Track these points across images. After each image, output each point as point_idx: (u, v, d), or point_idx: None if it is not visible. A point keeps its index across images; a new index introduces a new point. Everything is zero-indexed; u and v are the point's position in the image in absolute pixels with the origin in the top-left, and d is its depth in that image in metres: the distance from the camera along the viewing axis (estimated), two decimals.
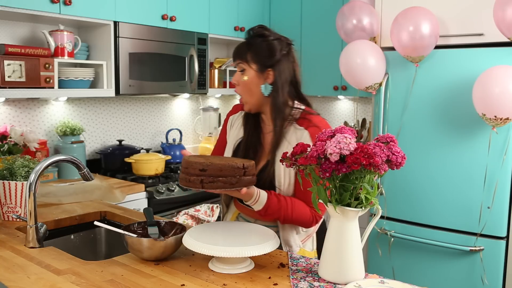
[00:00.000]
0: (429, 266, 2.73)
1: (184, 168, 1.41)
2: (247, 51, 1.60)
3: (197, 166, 1.37)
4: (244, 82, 1.61)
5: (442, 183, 2.65)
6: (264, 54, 1.59)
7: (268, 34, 1.61)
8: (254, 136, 1.69)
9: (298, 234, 1.66)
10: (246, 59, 1.60)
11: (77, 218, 2.00)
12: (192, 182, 1.38)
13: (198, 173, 1.37)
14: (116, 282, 1.31)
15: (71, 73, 2.62)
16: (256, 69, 1.59)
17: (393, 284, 1.28)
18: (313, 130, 1.58)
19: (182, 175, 1.41)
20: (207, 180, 1.37)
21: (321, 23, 3.56)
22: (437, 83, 2.64)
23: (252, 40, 1.61)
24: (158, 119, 3.56)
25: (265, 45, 1.59)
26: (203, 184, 1.37)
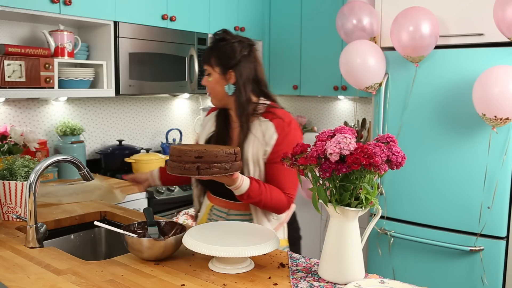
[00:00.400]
0: (429, 266, 2.73)
1: (176, 156, 1.42)
2: (211, 55, 1.73)
3: (192, 153, 1.40)
4: (210, 84, 1.75)
5: (442, 183, 2.65)
6: (225, 56, 1.70)
7: (229, 38, 1.72)
8: (223, 130, 1.80)
9: (270, 222, 1.74)
10: (210, 63, 1.73)
11: (77, 218, 2.00)
12: (187, 169, 1.40)
13: (193, 160, 1.39)
14: (116, 282, 1.31)
15: (71, 73, 2.62)
16: (219, 71, 1.72)
17: (393, 284, 1.28)
18: (277, 122, 1.68)
19: (174, 163, 1.42)
20: (203, 166, 1.40)
21: (321, 23, 3.56)
22: (437, 83, 2.64)
23: (215, 44, 1.73)
24: (158, 119, 3.56)
25: (227, 48, 1.71)
26: (199, 170, 1.40)
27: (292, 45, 3.76)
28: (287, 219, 1.82)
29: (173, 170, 1.43)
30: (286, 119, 1.69)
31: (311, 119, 4.14)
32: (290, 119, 1.70)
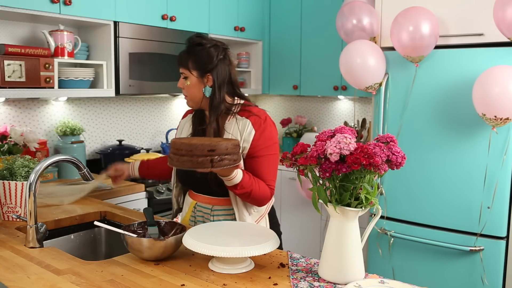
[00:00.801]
0: (429, 266, 2.73)
1: (187, 151, 1.43)
2: (188, 59, 1.77)
3: (205, 147, 1.42)
4: (187, 87, 1.80)
5: (442, 183, 2.65)
6: (203, 61, 1.76)
7: (205, 42, 1.79)
8: (200, 130, 1.87)
9: (251, 215, 1.80)
10: (187, 67, 1.78)
11: (77, 218, 2.00)
12: (201, 163, 1.41)
13: (206, 154, 1.42)
14: (116, 282, 1.31)
15: (71, 73, 2.62)
16: (196, 75, 1.78)
17: (393, 284, 1.28)
18: (254, 119, 1.77)
19: (184, 158, 1.43)
20: (216, 159, 1.42)
21: (321, 23, 3.56)
22: (437, 83, 2.64)
23: (191, 49, 1.78)
24: (158, 119, 3.56)
25: (204, 52, 1.77)
26: (213, 163, 1.42)
27: (292, 45, 3.76)
28: (267, 211, 1.89)
29: (183, 164, 1.44)
30: (261, 116, 1.79)
31: (311, 119, 4.14)
32: (265, 116, 1.80)
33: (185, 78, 1.80)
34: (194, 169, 1.44)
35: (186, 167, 1.44)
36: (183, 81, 1.81)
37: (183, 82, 1.81)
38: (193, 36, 1.82)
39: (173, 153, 1.48)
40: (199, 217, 1.85)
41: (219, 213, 1.82)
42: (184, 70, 1.79)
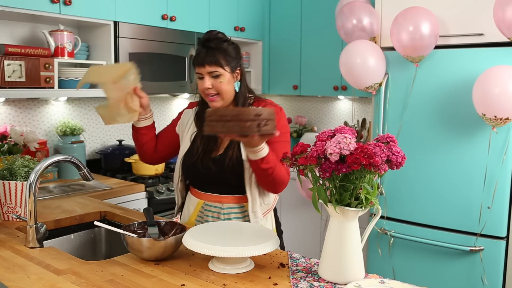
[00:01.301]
0: (429, 266, 2.73)
1: (234, 116, 1.42)
2: (220, 56, 1.72)
3: (252, 112, 1.42)
4: (221, 85, 1.74)
5: (442, 183, 2.65)
6: (233, 56, 1.75)
7: (228, 38, 1.78)
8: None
9: (260, 206, 1.79)
10: (221, 64, 1.72)
11: (77, 218, 2.00)
12: (249, 127, 1.41)
13: (253, 118, 1.42)
14: (116, 282, 1.31)
15: (71, 73, 2.62)
16: (229, 71, 1.75)
17: (393, 284, 1.28)
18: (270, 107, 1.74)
19: (230, 123, 1.42)
20: (262, 124, 1.43)
21: (321, 23, 3.56)
22: (437, 83, 2.64)
23: (219, 45, 1.73)
24: (158, 119, 3.56)
25: (232, 48, 1.76)
26: (260, 127, 1.42)
27: (292, 45, 3.76)
28: (273, 205, 1.89)
29: (230, 130, 1.43)
30: (276, 106, 1.82)
31: (311, 119, 4.14)
32: (279, 106, 1.84)
33: (216, 76, 1.72)
34: (241, 133, 1.43)
35: (233, 132, 1.43)
36: (215, 80, 1.73)
37: (215, 81, 1.73)
38: (213, 33, 1.76)
39: (216, 120, 1.45)
40: (208, 217, 1.81)
41: (230, 211, 1.80)
42: (216, 68, 1.71)
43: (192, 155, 1.81)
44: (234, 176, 1.74)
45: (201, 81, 1.75)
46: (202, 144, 1.81)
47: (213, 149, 1.80)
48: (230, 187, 1.78)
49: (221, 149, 1.79)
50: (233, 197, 1.79)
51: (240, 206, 1.80)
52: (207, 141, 1.81)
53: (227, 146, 1.78)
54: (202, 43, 1.74)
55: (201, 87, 1.76)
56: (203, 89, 1.74)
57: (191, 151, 1.83)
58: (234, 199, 1.80)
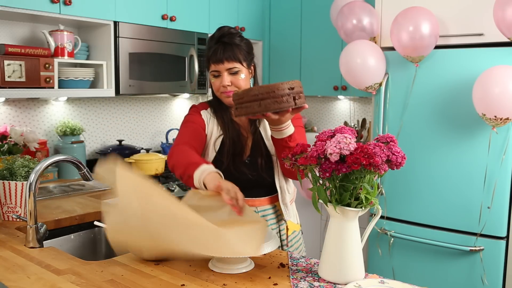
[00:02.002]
0: (429, 266, 2.73)
1: (268, 93, 1.39)
2: (238, 52, 1.68)
3: (286, 86, 1.40)
4: (241, 81, 1.69)
5: (442, 183, 2.65)
6: (248, 51, 1.72)
7: (241, 33, 1.74)
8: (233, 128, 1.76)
9: (288, 194, 1.79)
10: (239, 60, 1.68)
11: (77, 218, 2.00)
12: (286, 101, 1.40)
13: (288, 93, 1.40)
14: (116, 282, 1.31)
15: (71, 73, 2.62)
16: (246, 66, 1.71)
17: (393, 284, 1.28)
18: None
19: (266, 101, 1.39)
20: (297, 96, 1.42)
21: (321, 23, 3.56)
22: (437, 83, 2.64)
23: (234, 41, 1.68)
24: (158, 119, 3.56)
25: (245, 43, 1.72)
26: (295, 101, 1.41)
27: (292, 45, 3.76)
28: (295, 195, 1.89)
29: (268, 107, 1.39)
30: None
31: (311, 119, 4.14)
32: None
33: (235, 73, 1.67)
34: (280, 109, 1.40)
35: (272, 109, 1.39)
36: (234, 77, 1.68)
37: (234, 77, 1.68)
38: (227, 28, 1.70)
39: (248, 101, 1.42)
40: None
41: (265, 213, 1.76)
42: (235, 64, 1.66)
43: (222, 162, 1.70)
44: (268, 175, 1.73)
45: (217, 79, 1.69)
46: (230, 148, 1.72)
47: (242, 152, 1.74)
48: (263, 188, 1.75)
49: (248, 150, 1.75)
50: (266, 199, 1.77)
51: (273, 207, 1.78)
52: (233, 146, 1.73)
53: (252, 146, 1.75)
54: (216, 39, 1.68)
55: (217, 85, 1.69)
56: (222, 86, 1.67)
57: (219, 159, 1.72)
58: (267, 201, 1.77)
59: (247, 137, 1.77)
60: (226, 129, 1.74)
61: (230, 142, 1.72)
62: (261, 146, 1.74)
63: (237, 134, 1.75)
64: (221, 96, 1.71)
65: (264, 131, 1.76)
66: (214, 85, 1.72)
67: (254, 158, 1.72)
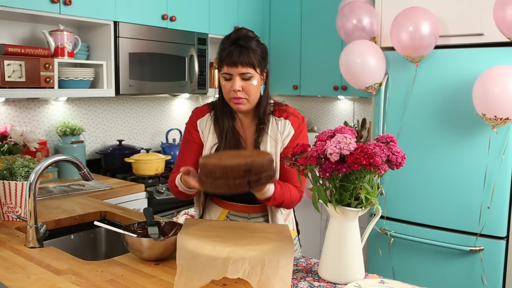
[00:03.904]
0: (429, 266, 2.73)
1: (222, 173, 1.32)
2: (254, 57, 1.60)
3: (241, 168, 1.31)
4: (253, 87, 1.62)
5: (442, 183, 2.65)
6: (263, 57, 1.64)
7: (258, 37, 1.66)
8: (232, 137, 1.70)
9: (281, 214, 1.75)
10: (254, 66, 1.61)
11: (77, 218, 2.00)
12: (238, 185, 1.32)
13: (243, 175, 1.32)
14: (116, 282, 1.31)
15: (71, 73, 2.62)
16: (259, 73, 1.64)
17: (393, 284, 1.28)
18: (293, 119, 1.71)
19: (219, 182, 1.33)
20: (253, 179, 1.33)
21: (321, 23, 3.56)
22: (437, 83, 2.64)
23: (252, 45, 1.61)
24: (158, 119, 3.56)
25: (261, 48, 1.64)
26: (250, 184, 1.33)
27: (292, 45, 3.76)
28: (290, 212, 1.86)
29: (219, 189, 1.33)
30: (299, 116, 1.74)
31: (311, 119, 4.14)
32: (302, 116, 1.75)
33: (247, 79, 1.60)
34: (231, 192, 1.33)
35: (222, 191, 1.33)
36: (246, 83, 1.61)
37: (246, 83, 1.61)
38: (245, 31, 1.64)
39: (205, 175, 1.36)
40: None
41: (257, 220, 1.75)
42: (249, 69, 1.59)
43: None
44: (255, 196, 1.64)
45: (228, 82, 1.62)
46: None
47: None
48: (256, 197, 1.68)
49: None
50: (259, 207, 1.74)
51: (265, 215, 1.75)
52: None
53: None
54: (233, 41, 1.61)
55: (227, 89, 1.63)
56: (231, 91, 1.62)
57: None
58: (260, 208, 1.75)
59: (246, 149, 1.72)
60: (223, 137, 1.69)
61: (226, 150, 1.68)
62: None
63: (235, 144, 1.70)
64: (230, 101, 1.66)
65: (264, 149, 1.69)
66: (224, 88, 1.65)
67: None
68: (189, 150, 1.76)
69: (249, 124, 1.73)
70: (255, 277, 1.22)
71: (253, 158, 1.36)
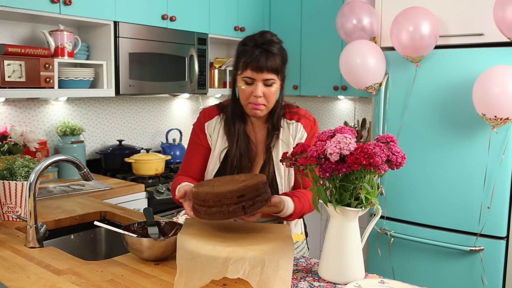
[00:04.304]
0: (429, 266, 2.73)
1: (214, 201, 1.30)
2: (279, 63, 1.57)
3: (234, 194, 1.29)
4: (272, 94, 1.58)
5: (442, 183, 2.65)
6: (284, 62, 1.61)
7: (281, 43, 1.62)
8: (243, 141, 1.66)
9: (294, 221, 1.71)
10: (277, 72, 1.57)
11: (77, 218, 2.00)
12: (233, 212, 1.30)
13: (236, 201, 1.30)
14: (116, 282, 1.31)
15: (71, 73, 2.62)
16: (279, 78, 1.60)
17: (393, 284, 1.28)
18: (305, 122, 1.69)
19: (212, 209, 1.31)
20: (248, 204, 1.31)
21: (321, 23, 3.56)
22: (437, 83, 2.64)
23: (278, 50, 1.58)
24: (158, 119, 3.56)
25: (284, 53, 1.61)
26: (245, 210, 1.31)
27: (292, 45, 3.75)
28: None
29: (214, 217, 1.31)
30: (310, 118, 1.72)
31: None
32: (313, 118, 1.73)
33: (269, 85, 1.56)
34: (227, 219, 1.31)
35: (217, 219, 1.31)
36: (267, 89, 1.56)
37: (267, 89, 1.56)
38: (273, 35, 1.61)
39: (198, 204, 1.34)
40: None
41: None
42: (273, 76, 1.55)
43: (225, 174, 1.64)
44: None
45: (249, 86, 1.57)
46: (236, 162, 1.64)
47: (249, 167, 1.66)
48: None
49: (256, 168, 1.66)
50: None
51: (274, 219, 1.69)
52: (240, 159, 1.65)
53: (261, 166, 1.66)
54: (257, 44, 1.55)
55: (247, 93, 1.57)
56: (252, 96, 1.56)
57: (223, 171, 1.66)
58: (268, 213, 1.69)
59: (257, 154, 1.68)
60: (234, 141, 1.65)
61: (237, 154, 1.64)
62: (270, 165, 1.64)
63: (246, 148, 1.65)
64: (248, 106, 1.60)
65: (276, 154, 1.65)
66: (243, 92, 1.58)
67: None
68: (196, 153, 1.73)
69: (261, 128, 1.69)
70: (255, 277, 1.22)
71: (246, 182, 1.34)
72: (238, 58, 1.60)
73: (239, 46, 1.62)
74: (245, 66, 1.55)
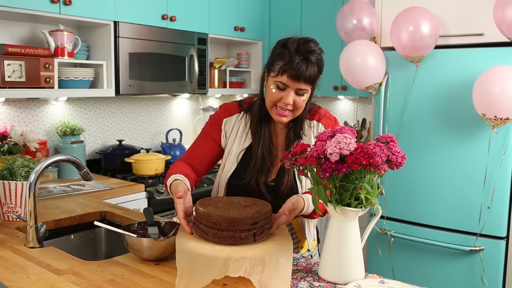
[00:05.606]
0: (429, 266, 2.73)
1: (228, 226, 1.31)
2: (317, 74, 1.53)
3: (247, 221, 1.31)
4: (302, 103, 1.55)
5: (442, 183, 2.65)
6: (320, 73, 1.57)
7: (321, 51, 1.58)
8: (267, 143, 1.63)
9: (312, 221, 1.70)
10: (313, 82, 1.54)
11: (77, 218, 2.00)
12: (244, 238, 1.32)
13: (249, 228, 1.32)
14: (116, 282, 1.31)
15: (71, 73, 2.62)
16: (311, 88, 1.57)
17: (393, 284, 1.28)
18: (326, 122, 1.67)
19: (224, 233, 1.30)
20: (258, 232, 1.34)
21: (321, 23, 3.56)
22: (437, 83, 2.64)
23: (317, 61, 1.54)
24: (158, 119, 3.56)
25: (322, 64, 1.56)
26: (255, 237, 1.33)
27: None
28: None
29: (224, 241, 1.30)
30: (331, 117, 1.68)
31: None
32: (334, 117, 1.70)
33: (301, 94, 1.52)
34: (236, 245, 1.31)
35: (227, 244, 1.30)
36: (298, 97, 1.52)
37: (298, 98, 1.52)
38: (316, 44, 1.56)
39: (206, 226, 1.33)
40: None
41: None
42: (308, 86, 1.52)
43: (242, 177, 1.61)
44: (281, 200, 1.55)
45: (279, 91, 1.52)
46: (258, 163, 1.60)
47: (268, 172, 1.61)
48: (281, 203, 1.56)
49: (275, 172, 1.62)
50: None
51: (288, 224, 1.64)
52: (262, 161, 1.60)
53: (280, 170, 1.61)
54: (299, 51, 1.52)
55: (276, 98, 1.52)
56: (281, 101, 1.52)
57: (240, 172, 1.62)
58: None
59: (277, 158, 1.64)
60: (259, 142, 1.61)
61: (259, 156, 1.60)
62: (290, 173, 1.59)
63: (268, 150, 1.61)
64: (273, 109, 1.56)
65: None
66: (272, 95, 1.53)
67: (278, 183, 1.59)
68: (205, 144, 1.69)
69: (282, 131, 1.66)
70: (256, 275, 1.22)
71: (258, 209, 1.37)
72: (275, 59, 1.55)
73: (278, 47, 1.59)
74: (282, 71, 1.50)
